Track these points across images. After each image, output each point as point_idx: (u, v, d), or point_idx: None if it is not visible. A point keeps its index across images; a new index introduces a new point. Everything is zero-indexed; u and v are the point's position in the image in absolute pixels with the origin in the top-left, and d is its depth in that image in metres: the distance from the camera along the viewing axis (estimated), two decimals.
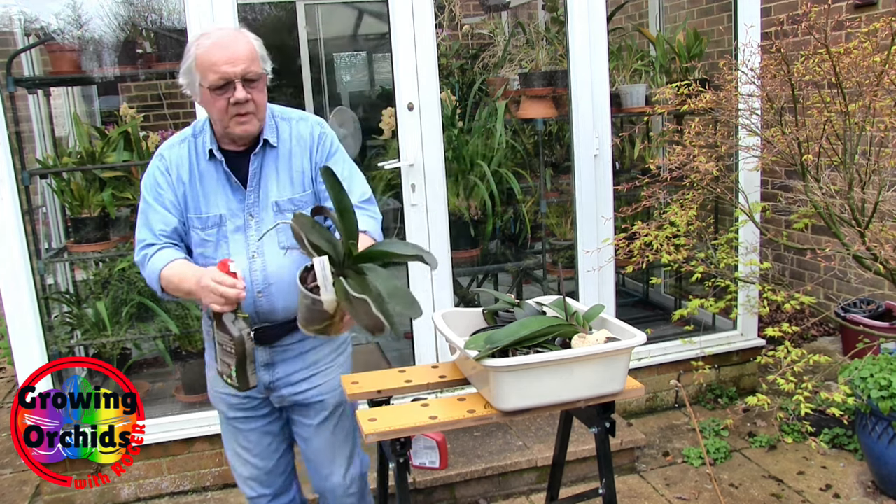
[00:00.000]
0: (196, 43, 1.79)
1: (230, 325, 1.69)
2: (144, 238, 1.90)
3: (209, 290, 1.68)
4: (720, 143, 2.95)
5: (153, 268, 1.86)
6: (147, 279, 1.90)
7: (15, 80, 2.97)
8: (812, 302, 2.66)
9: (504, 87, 3.79)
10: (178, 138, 1.94)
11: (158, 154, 1.93)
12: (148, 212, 1.91)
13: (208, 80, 1.76)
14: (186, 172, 1.89)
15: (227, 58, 1.75)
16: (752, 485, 2.93)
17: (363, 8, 5.17)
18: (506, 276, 4.05)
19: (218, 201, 1.88)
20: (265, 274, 1.88)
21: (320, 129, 1.96)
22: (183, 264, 1.84)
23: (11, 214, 2.76)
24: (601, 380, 1.70)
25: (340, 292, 1.51)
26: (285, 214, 1.88)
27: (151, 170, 1.91)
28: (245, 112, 1.79)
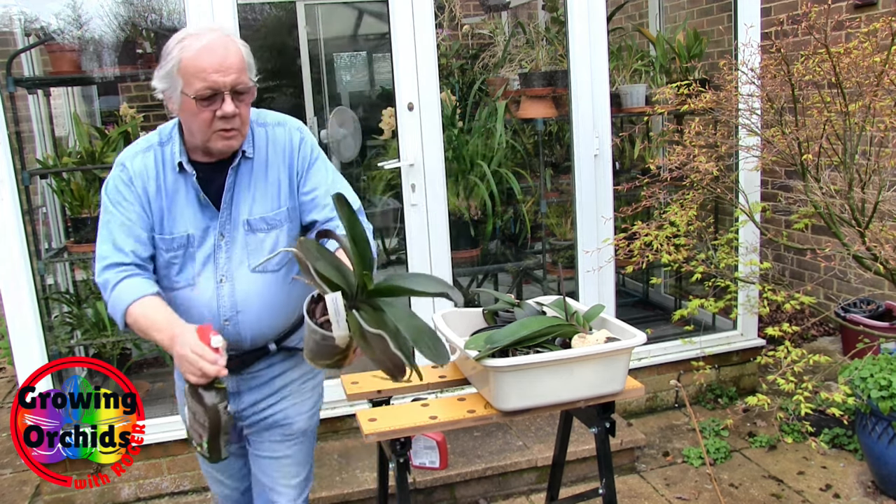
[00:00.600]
0: (180, 44, 1.60)
1: (205, 396, 1.56)
2: (107, 255, 1.69)
3: (186, 361, 1.53)
4: (720, 143, 2.95)
5: (119, 300, 1.66)
6: (109, 308, 1.70)
7: (15, 80, 2.97)
8: (812, 302, 2.66)
9: (504, 87, 3.79)
10: (141, 146, 1.74)
11: (119, 163, 1.72)
12: (111, 224, 1.70)
13: (193, 88, 1.58)
14: (153, 185, 1.70)
15: (216, 65, 1.57)
16: (752, 485, 2.92)
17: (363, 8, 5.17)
18: (506, 276, 4.05)
19: (185, 219, 1.70)
20: (233, 300, 1.72)
21: (300, 136, 1.79)
22: (156, 306, 1.65)
23: (11, 214, 2.76)
24: (601, 380, 1.70)
25: (355, 328, 1.37)
26: (257, 234, 1.72)
27: (113, 180, 1.71)
28: (231, 127, 1.63)
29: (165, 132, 1.74)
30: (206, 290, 1.71)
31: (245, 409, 1.85)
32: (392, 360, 1.36)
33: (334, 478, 2.87)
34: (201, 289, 1.71)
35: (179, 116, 1.68)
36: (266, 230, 1.73)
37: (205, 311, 1.71)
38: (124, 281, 1.67)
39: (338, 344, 1.41)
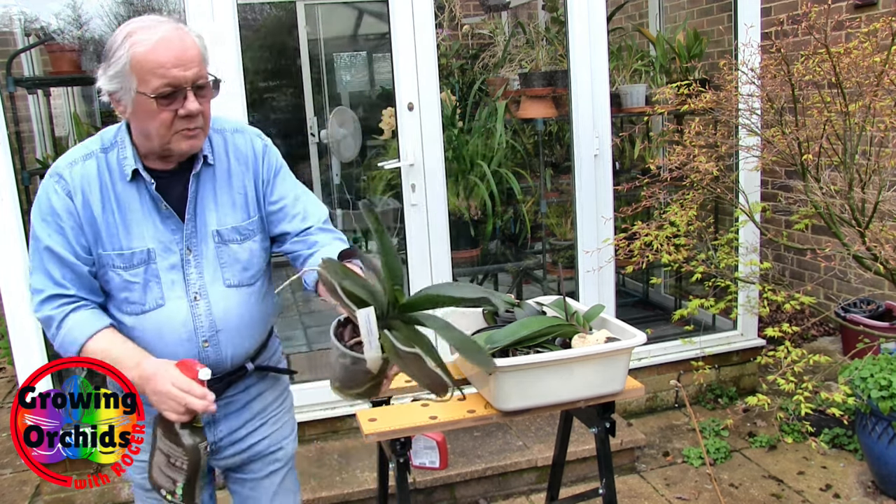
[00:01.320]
0: (130, 39, 1.41)
1: (183, 435, 1.43)
2: (43, 288, 1.52)
3: (168, 398, 1.41)
4: (720, 143, 2.95)
5: (70, 338, 1.51)
6: (57, 347, 1.53)
7: (15, 80, 2.97)
8: (812, 302, 2.66)
9: (504, 87, 3.80)
10: (78, 153, 1.55)
11: (53, 173, 1.52)
12: (44, 254, 1.51)
13: (151, 85, 1.41)
14: (97, 197, 1.51)
15: (176, 59, 1.41)
16: (752, 485, 2.92)
17: (363, 8, 5.17)
18: (506, 276, 4.05)
19: (143, 233, 1.53)
20: (211, 318, 1.57)
21: (262, 143, 1.66)
22: (116, 339, 1.52)
23: (11, 214, 2.76)
24: (601, 380, 1.69)
25: (388, 348, 1.27)
26: (229, 246, 1.59)
27: (45, 195, 1.50)
28: (194, 126, 1.47)
29: (108, 137, 1.56)
30: (179, 310, 1.55)
31: (223, 438, 1.69)
32: (431, 378, 1.27)
33: (334, 478, 2.87)
34: (173, 309, 1.55)
35: (131, 119, 1.50)
36: (239, 241, 1.60)
37: (181, 333, 1.56)
38: (71, 316, 1.52)
39: (369, 367, 1.29)
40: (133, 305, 1.55)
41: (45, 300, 1.52)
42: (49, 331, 1.54)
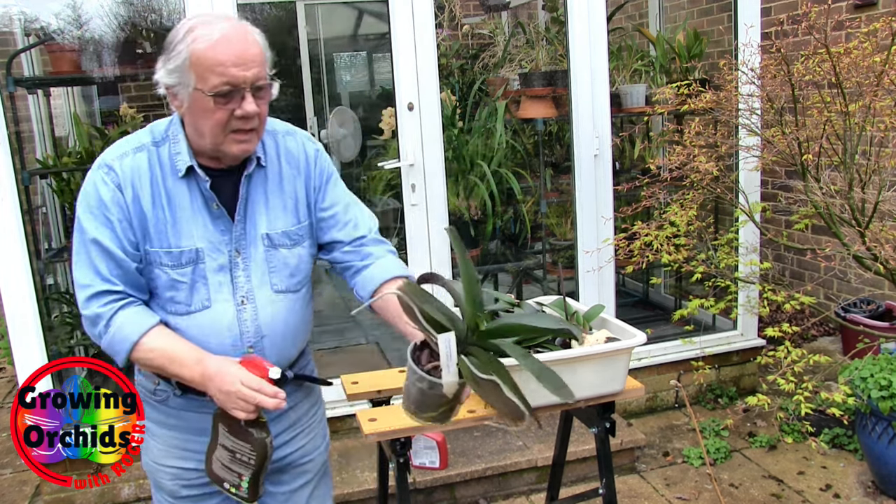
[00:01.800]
0: (192, 34, 1.39)
1: (252, 431, 1.43)
2: (90, 284, 1.46)
3: (238, 398, 1.38)
4: (720, 143, 2.95)
5: (122, 336, 1.45)
6: (105, 345, 1.48)
7: (15, 80, 2.97)
8: (812, 302, 2.66)
9: (504, 87, 3.80)
10: (129, 145, 1.51)
11: (102, 164, 1.48)
12: (92, 247, 1.46)
13: (209, 83, 1.38)
14: (148, 191, 1.47)
15: (236, 58, 1.38)
16: (752, 485, 2.92)
17: (363, 8, 5.17)
18: (506, 276, 4.05)
19: (193, 232, 1.49)
20: (257, 324, 1.54)
21: (314, 147, 1.64)
22: (172, 337, 1.47)
23: (11, 214, 2.76)
24: (601, 380, 1.69)
25: (467, 374, 1.27)
26: (279, 250, 1.56)
27: (93, 186, 1.46)
28: (249, 128, 1.44)
29: (159, 130, 1.53)
30: (225, 313, 1.51)
31: None
32: (507, 405, 1.26)
33: (334, 478, 2.86)
34: (219, 311, 1.51)
35: (186, 115, 1.47)
36: (289, 246, 1.57)
37: (225, 337, 1.52)
38: (120, 313, 1.46)
39: (446, 392, 1.29)
40: (178, 305, 1.51)
41: (93, 296, 1.46)
42: (95, 328, 1.48)
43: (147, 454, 1.67)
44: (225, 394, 1.40)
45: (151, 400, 1.61)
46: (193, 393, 1.53)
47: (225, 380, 1.40)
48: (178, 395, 1.57)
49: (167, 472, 1.64)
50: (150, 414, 1.63)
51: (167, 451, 1.62)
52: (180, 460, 1.61)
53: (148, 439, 1.65)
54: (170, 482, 1.65)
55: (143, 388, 1.63)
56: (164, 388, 1.58)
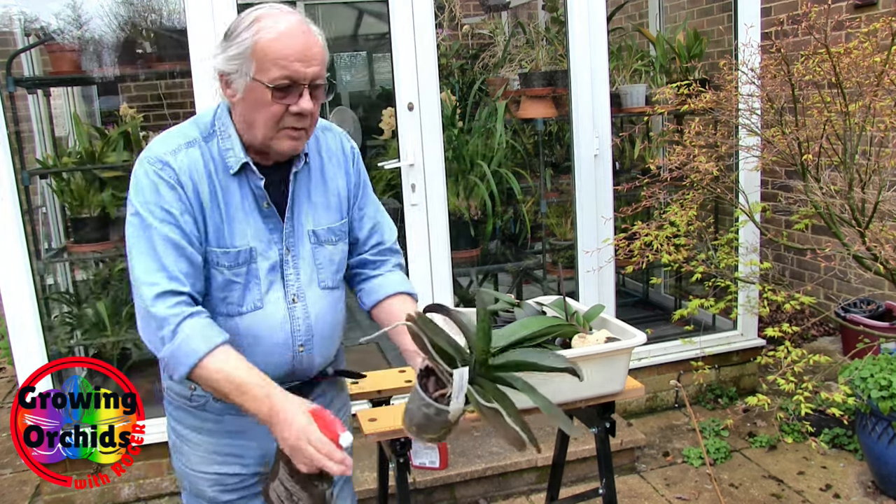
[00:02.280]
0: (258, 24, 1.37)
1: (311, 484, 1.38)
2: (157, 282, 1.36)
3: (303, 455, 1.30)
4: (720, 143, 2.95)
5: (189, 348, 1.35)
6: (168, 356, 1.37)
7: (15, 80, 2.97)
8: (812, 302, 2.66)
9: (504, 87, 3.79)
10: (178, 140, 1.45)
11: (154, 160, 1.41)
12: (158, 241, 1.38)
13: (270, 75, 1.36)
14: (206, 188, 1.42)
15: (300, 53, 1.36)
16: (752, 485, 2.92)
17: (363, 8, 5.17)
18: (506, 276, 4.05)
19: (246, 230, 1.46)
20: (308, 322, 1.52)
21: (350, 145, 1.64)
22: (236, 359, 1.37)
23: (11, 214, 2.76)
24: (601, 380, 1.69)
25: (475, 404, 1.33)
26: (325, 247, 1.55)
27: (149, 181, 1.40)
28: (301, 126, 1.42)
29: (205, 124, 1.47)
30: (277, 312, 1.49)
31: None
32: (509, 433, 1.32)
33: None
34: (270, 311, 1.48)
35: (238, 105, 1.43)
36: (334, 242, 1.57)
37: (277, 337, 1.50)
38: (189, 321, 1.37)
39: (450, 419, 1.35)
40: (230, 306, 1.47)
41: (160, 296, 1.36)
42: (158, 332, 1.37)
43: (182, 461, 1.61)
44: (290, 446, 1.32)
45: (186, 406, 1.56)
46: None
47: (293, 431, 1.31)
48: (217, 400, 1.51)
49: (207, 478, 1.58)
50: (186, 420, 1.57)
51: (206, 457, 1.57)
52: (220, 465, 1.57)
53: (182, 446, 1.59)
54: (210, 489, 1.59)
55: (175, 394, 1.57)
56: (201, 394, 1.52)
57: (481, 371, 1.40)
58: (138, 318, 1.40)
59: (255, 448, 1.57)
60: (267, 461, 1.57)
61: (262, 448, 1.57)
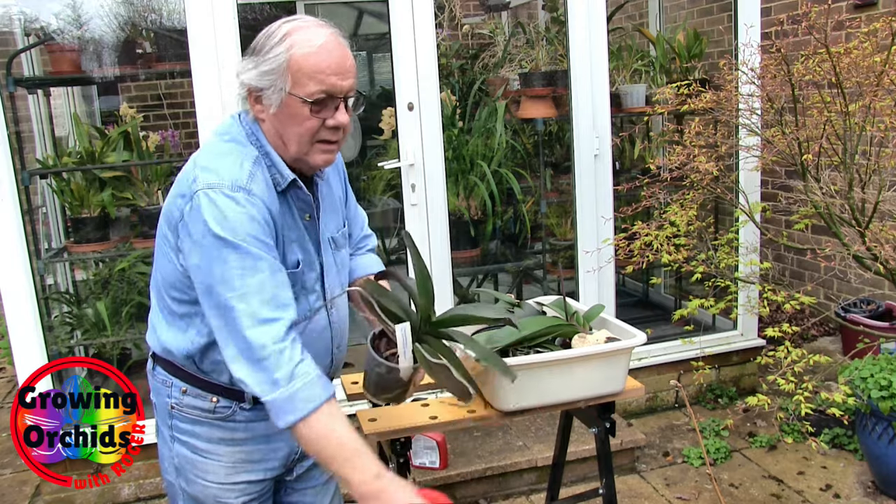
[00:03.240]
0: (290, 39, 1.35)
1: None
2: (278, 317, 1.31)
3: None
4: (720, 143, 2.95)
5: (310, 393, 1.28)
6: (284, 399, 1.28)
7: (15, 80, 2.97)
8: (812, 302, 2.66)
9: (504, 87, 3.79)
10: (246, 160, 1.38)
11: (236, 187, 1.32)
12: (260, 266, 1.31)
13: (307, 90, 1.34)
14: (277, 209, 1.40)
15: (336, 66, 1.35)
16: (752, 485, 2.92)
17: (363, 8, 5.17)
18: (506, 276, 4.05)
19: (294, 245, 1.45)
20: (339, 326, 1.57)
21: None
22: (345, 421, 1.30)
23: (11, 214, 2.76)
24: (601, 380, 1.69)
25: (421, 360, 1.41)
26: (340, 250, 1.58)
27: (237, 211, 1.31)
28: (335, 140, 1.41)
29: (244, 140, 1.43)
30: (321, 319, 1.51)
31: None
32: (456, 385, 1.39)
33: None
34: (316, 320, 1.50)
35: (270, 120, 1.40)
36: (343, 245, 1.60)
37: (323, 343, 1.52)
38: (306, 363, 1.31)
39: (402, 376, 1.40)
40: None
41: (270, 321, 1.30)
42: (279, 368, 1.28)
43: (205, 478, 1.53)
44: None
45: (209, 419, 1.51)
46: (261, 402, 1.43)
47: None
48: (247, 409, 1.49)
49: (236, 489, 1.54)
50: (209, 434, 1.51)
51: (234, 467, 1.53)
52: (248, 474, 1.54)
53: (204, 461, 1.52)
54: (237, 499, 1.54)
55: (192, 409, 1.51)
56: (225, 405, 1.49)
57: (426, 329, 1.47)
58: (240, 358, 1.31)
59: (283, 450, 1.58)
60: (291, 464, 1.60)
61: (288, 448, 1.58)
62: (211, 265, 1.31)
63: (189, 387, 1.50)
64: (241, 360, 1.30)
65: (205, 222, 1.31)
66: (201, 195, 1.32)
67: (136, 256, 3.14)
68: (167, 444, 1.58)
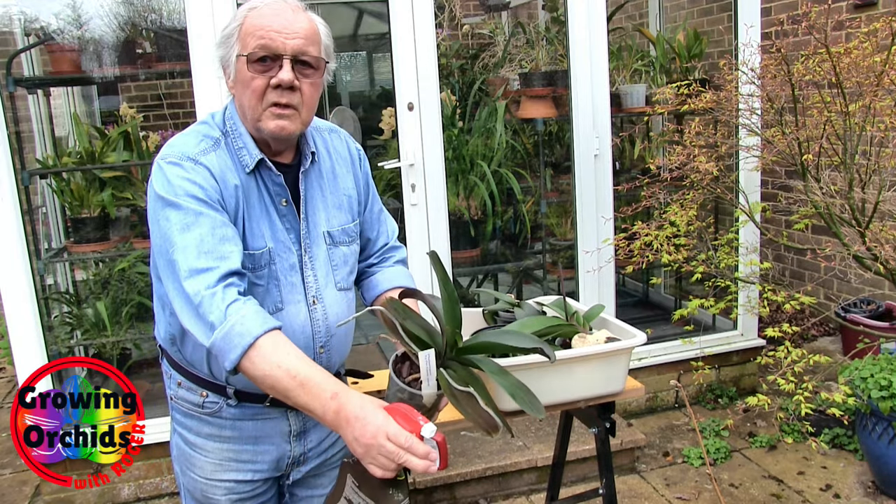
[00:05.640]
0: (249, 6, 1.38)
1: (385, 493, 1.29)
2: (207, 266, 1.28)
3: (380, 452, 1.18)
4: (720, 143, 2.95)
5: (241, 327, 1.25)
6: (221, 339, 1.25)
7: (15, 80, 2.97)
8: (812, 302, 2.66)
9: (504, 87, 3.79)
10: (205, 139, 1.40)
11: (186, 157, 1.36)
12: (208, 224, 1.31)
13: (248, 47, 1.34)
14: (232, 189, 1.38)
15: (279, 25, 1.34)
16: (752, 485, 2.92)
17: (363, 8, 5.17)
18: (506, 276, 4.05)
19: (263, 231, 1.42)
20: (327, 324, 1.50)
21: (356, 146, 1.64)
22: (294, 349, 1.27)
23: (11, 214, 2.76)
24: (601, 380, 1.69)
25: (445, 388, 1.31)
26: (339, 248, 1.53)
27: (181, 178, 1.33)
28: (286, 103, 1.36)
29: (218, 123, 1.44)
30: (298, 314, 1.46)
31: (312, 448, 1.60)
32: (482, 417, 1.29)
33: None
34: (291, 313, 1.45)
35: (234, 91, 1.41)
36: (347, 243, 1.56)
37: (299, 339, 1.45)
38: (240, 303, 1.27)
39: (424, 403, 1.33)
40: None
41: (200, 272, 1.28)
42: (211, 312, 1.26)
43: (193, 471, 1.55)
44: (364, 446, 1.19)
45: (199, 414, 1.52)
46: (250, 401, 1.47)
47: (367, 429, 1.19)
48: (233, 406, 1.49)
49: (221, 486, 1.54)
50: (198, 428, 1.53)
51: (220, 464, 1.53)
52: (235, 473, 1.53)
53: (194, 455, 1.54)
54: (224, 497, 1.54)
55: (185, 402, 1.53)
56: (213, 400, 1.50)
57: (452, 354, 1.39)
58: (183, 310, 1.31)
59: (271, 453, 1.56)
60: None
61: (278, 452, 1.56)
62: (158, 225, 1.35)
63: (183, 380, 1.53)
64: (185, 311, 1.30)
65: (153, 187, 1.36)
66: (155, 165, 1.38)
67: (136, 256, 3.14)
68: (172, 434, 1.62)
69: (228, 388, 1.48)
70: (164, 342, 1.56)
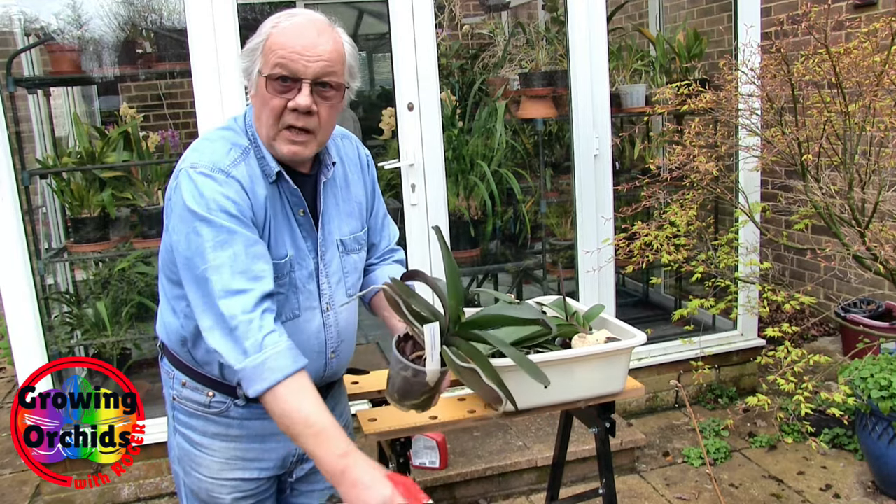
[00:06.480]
0: (275, 21, 1.36)
1: None
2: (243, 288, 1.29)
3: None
4: (720, 143, 2.95)
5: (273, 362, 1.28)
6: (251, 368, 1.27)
7: (15, 80, 2.97)
8: (812, 302, 2.66)
9: (504, 87, 3.80)
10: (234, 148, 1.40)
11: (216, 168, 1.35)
12: (233, 240, 1.31)
13: (269, 65, 1.33)
14: (261, 199, 1.39)
15: (302, 47, 1.32)
16: (752, 485, 2.92)
17: (363, 8, 5.17)
18: (506, 276, 4.05)
19: (284, 239, 1.43)
20: (338, 329, 1.54)
21: (365, 151, 1.64)
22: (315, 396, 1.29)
23: (11, 214, 2.76)
24: (601, 380, 1.69)
25: (449, 363, 1.34)
26: (350, 255, 1.55)
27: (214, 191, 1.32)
28: (302, 126, 1.36)
29: (241, 125, 1.44)
30: (313, 320, 1.49)
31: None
32: (485, 390, 1.33)
33: None
34: (307, 319, 1.48)
35: (254, 104, 1.41)
36: (357, 250, 1.57)
37: (313, 345, 1.49)
38: (276, 335, 1.30)
39: (428, 380, 1.35)
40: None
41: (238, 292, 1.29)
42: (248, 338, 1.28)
43: (198, 471, 1.55)
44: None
45: (204, 413, 1.52)
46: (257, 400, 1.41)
47: (373, 498, 1.22)
48: (241, 405, 1.50)
49: (227, 485, 1.55)
50: (204, 427, 1.53)
51: (227, 463, 1.54)
52: (241, 471, 1.54)
53: (199, 455, 1.54)
54: (229, 496, 1.55)
55: (190, 402, 1.53)
56: (220, 400, 1.50)
57: (455, 330, 1.41)
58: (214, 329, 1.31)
59: (278, 451, 1.57)
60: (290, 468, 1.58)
61: (285, 450, 1.57)
62: (188, 239, 1.33)
63: (188, 379, 1.53)
64: (215, 331, 1.31)
65: (183, 198, 1.34)
66: (183, 173, 1.36)
67: (136, 256, 3.14)
68: (171, 434, 1.61)
69: (238, 389, 1.46)
70: (171, 343, 1.55)
